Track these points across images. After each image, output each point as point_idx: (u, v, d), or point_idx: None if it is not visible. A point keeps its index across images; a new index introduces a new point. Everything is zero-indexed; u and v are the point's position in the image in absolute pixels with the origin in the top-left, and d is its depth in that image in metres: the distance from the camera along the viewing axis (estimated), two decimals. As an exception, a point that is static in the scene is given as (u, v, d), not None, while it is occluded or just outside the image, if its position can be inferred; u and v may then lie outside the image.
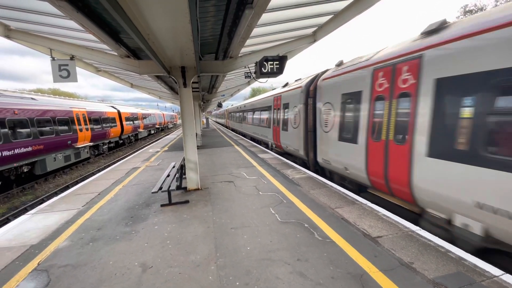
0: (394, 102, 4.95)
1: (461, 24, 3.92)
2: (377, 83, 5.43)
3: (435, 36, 4.29)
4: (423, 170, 4.30)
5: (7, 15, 4.77)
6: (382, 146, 5.26)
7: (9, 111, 10.63)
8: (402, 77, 4.78)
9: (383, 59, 5.30)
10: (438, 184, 4.04)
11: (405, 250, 3.51)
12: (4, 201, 10.24)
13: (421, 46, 4.43)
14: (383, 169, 5.23)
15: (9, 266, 3.59)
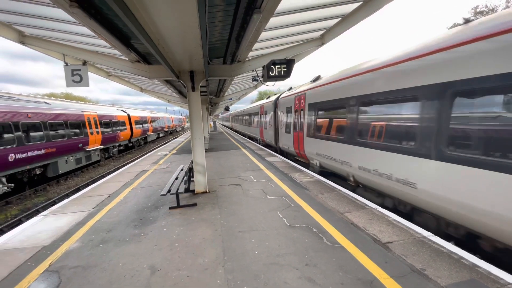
0: (300, 113, 9.91)
1: (321, 80, 8.62)
2: (296, 103, 10.49)
3: (312, 83, 9.24)
4: (307, 144, 9.25)
5: (22, 21, 4.95)
6: (297, 135, 10.20)
7: (23, 114, 10.96)
8: (300, 102, 9.88)
9: (296, 92, 10.58)
10: (310, 149, 8.95)
11: (417, 256, 3.42)
12: (17, 203, 10.51)
13: (306, 88, 9.55)
14: (298, 145, 10.23)
15: (21, 266, 3.67)
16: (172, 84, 10.96)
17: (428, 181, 4.26)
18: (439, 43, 4.27)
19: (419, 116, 4.42)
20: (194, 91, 6.47)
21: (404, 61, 4.80)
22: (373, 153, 5.55)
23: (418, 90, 4.43)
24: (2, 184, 10.00)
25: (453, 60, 3.89)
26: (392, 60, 5.14)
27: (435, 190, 4.14)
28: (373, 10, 4.86)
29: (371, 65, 5.86)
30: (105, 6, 3.46)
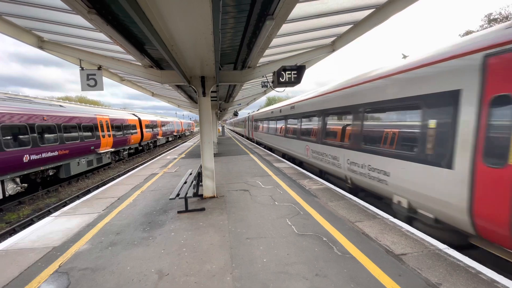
0: (268, 122, 18.21)
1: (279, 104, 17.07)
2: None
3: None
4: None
5: (41, 27, 5.13)
6: (270, 134, 17.32)
7: (39, 117, 11.29)
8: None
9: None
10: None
11: (432, 270, 3.29)
12: (29, 203, 10.75)
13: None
14: (268, 139, 17.99)
15: (32, 267, 3.71)
16: (183, 89, 11.12)
17: None
18: (333, 87, 7.93)
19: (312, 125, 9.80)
20: (204, 96, 6.53)
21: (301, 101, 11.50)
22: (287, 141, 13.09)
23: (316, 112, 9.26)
24: (16, 184, 10.28)
25: (355, 92, 6.70)
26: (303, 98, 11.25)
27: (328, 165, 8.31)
28: (385, 17, 4.82)
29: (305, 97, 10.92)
30: (121, 13, 3.55)
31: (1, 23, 4.68)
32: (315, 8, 4.57)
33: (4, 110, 9.67)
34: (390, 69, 5.46)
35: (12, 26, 4.93)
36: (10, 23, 4.85)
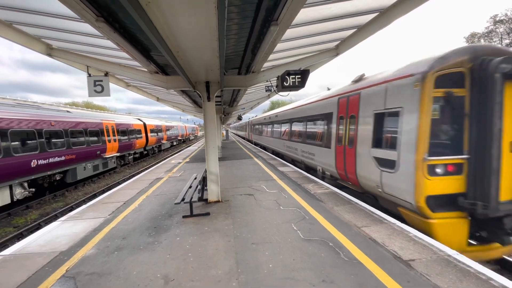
0: (261, 127, 23.34)
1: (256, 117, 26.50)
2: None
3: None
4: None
5: (50, 35, 5.25)
6: (263, 136, 22.17)
7: (46, 122, 11.48)
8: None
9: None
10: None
11: (441, 276, 3.23)
12: (37, 207, 10.87)
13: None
14: (262, 140, 22.90)
15: (39, 271, 3.74)
16: (188, 94, 11.21)
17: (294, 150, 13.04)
18: (282, 110, 15.92)
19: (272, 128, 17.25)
20: (209, 101, 6.58)
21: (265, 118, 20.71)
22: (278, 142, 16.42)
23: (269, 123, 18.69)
24: (24, 188, 10.42)
25: (294, 112, 13.14)
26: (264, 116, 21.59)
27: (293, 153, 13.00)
28: (389, 20, 4.82)
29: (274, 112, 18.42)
30: (128, 20, 3.62)
31: (11, 31, 4.81)
32: (319, 13, 4.60)
33: (13, 116, 9.86)
34: (313, 99, 10.53)
35: (22, 34, 5.06)
36: (20, 31, 4.98)
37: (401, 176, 5.06)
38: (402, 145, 5.05)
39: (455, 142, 4.64)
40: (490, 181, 4.26)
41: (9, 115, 9.72)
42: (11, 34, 4.80)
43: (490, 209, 4.25)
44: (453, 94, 4.53)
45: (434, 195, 4.63)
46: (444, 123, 4.71)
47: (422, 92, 4.64)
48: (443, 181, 4.61)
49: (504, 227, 4.37)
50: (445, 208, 4.65)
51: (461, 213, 4.64)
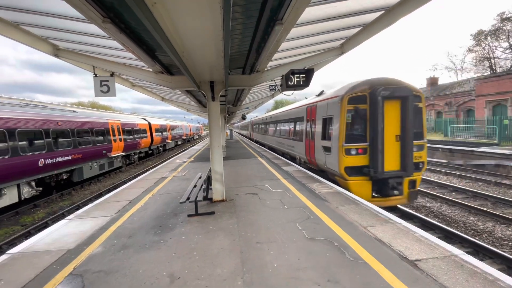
0: (259, 126, 27.56)
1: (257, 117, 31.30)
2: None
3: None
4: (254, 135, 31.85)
5: (56, 36, 5.31)
6: (260, 134, 25.72)
7: (53, 122, 11.64)
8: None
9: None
10: (255, 137, 30.46)
11: (448, 276, 3.20)
12: (44, 206, 11.04)
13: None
14: (259, 138, 26.59)
15: (47, 269, 3.79)
16: (192, 94, 11.25)
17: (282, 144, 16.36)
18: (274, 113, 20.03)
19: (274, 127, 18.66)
20: (214, 100, 6.59)
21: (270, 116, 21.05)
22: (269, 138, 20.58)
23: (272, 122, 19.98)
24: (31, 187, 10.58)
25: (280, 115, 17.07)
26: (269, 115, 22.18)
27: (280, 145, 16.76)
28: (394, 19, 4.77)
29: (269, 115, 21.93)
30: (134, 21, 3.65)
31: (18, 32, 4.87)
32: (324, 11, 4.57)
33: (20, 116, 10.02)
34: (293, 106, 14.27)
35: (29, 35, 5.12)
36: (27, 32, 5.04)
37: (333, 156, 8.04)
38: (333, 137, 8.04)
39: (361, 135, 7.55)
40: (379, 158, 7.12)
41: (16, 115, 9.88)
42: (18, 35, 4.86)
43: (379, 174, 7.17)
44: (359, 108, 7.48)
45: (350, 166, 7.56)
46: (354, 124, 7.68)
47: (342, 106, 7.62)
48: (355, 158, 7.53)
49: (389, 185, 7.40)
50: (356, 174, 7.55)
51: (366, 177, 7.49)
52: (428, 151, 17.69)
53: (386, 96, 7.07)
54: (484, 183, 11.86)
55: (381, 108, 7.05)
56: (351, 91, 7.64)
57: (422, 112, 7.84)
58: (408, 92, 7.17)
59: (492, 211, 7.99)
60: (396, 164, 7.36)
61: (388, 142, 7.22)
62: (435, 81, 40.61)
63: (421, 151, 7.72)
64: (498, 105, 24.67)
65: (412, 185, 7.69)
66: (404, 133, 7.23)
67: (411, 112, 7.13)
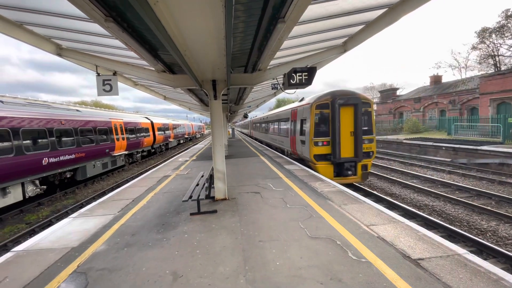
0: (256, 125, 31.58)
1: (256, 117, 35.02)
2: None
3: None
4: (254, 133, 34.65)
5: (59, 35, 5.33)
6: (258, 132, 29.23)
7: (57, 121, 11.71)
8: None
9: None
10: (258, 136, 29.88)
11: (452, 276, 3.18)
12: (48, 204, 11.14)
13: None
14: (257, 135, 29.69)
15: (52, 267, 3.83)
16: (194, 93, 11.26)
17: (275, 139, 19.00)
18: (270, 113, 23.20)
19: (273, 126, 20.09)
20: (216, 99, 6.59)
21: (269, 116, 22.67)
22: (264, 135, 24.07)
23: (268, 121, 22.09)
24: (35, 186, 10.67)
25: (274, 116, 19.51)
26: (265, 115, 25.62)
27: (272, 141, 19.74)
28: (398, 16, 4.74)
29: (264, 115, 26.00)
30: (137, 20, 3.65)
31: (22, 32, 4.89)
32: (327, 9, 4.55)
33: (24, 115, 10.09)
34: (282, 109, 17.40)
35: (33, 34, 5.15)
36: (30, 31, 5.06)
37: (306, 147, 10.80)
38: (306, 133, 10.82)
39: (325, 132, 10.20)
40: (337, 148, 9.76)
41: (20, 114, 9.95)
42: (22, 34, 4.89)
43: (337, 159, 9.83)
44: (323, 112, 10.15)
45: (317, 154, 10.24)
46: (320, 124, 10.33)
47: (311, 111, 10.29)
48: (321, 148, 10.18)
49: (345, 168, 10.09)
50: (322, 160, 10.25)
51: (329, 162, 10.19)
52: (431, 149, 19.53)
53: (342, 104, 9.80)
54: (488, 182, 11.77)
55: (339, 112, 9.79)
56: (318, 100, 10.33)
57: (371, 114, 10.48)
58: (358, 101, 9.81)
59: (496, 210, 7.93)
60: (350, 152, 10.03)
61: (344, 136, 9.92)
62: (438, 79, 40.30)
63: (371, 143, 10.41)
64: (502, 103, 24.41)
65: (364, 168, 10.31)
66: (356, 130, 9.88)
67: (360, 114, 9.83)
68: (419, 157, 19.36)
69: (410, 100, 38.73)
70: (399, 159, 18.86)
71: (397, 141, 23.50)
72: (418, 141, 21.51)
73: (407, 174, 13.70)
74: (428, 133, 27.57)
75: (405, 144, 22.46)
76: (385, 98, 44.91)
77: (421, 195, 10.02)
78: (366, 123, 10.33)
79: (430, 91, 37.66)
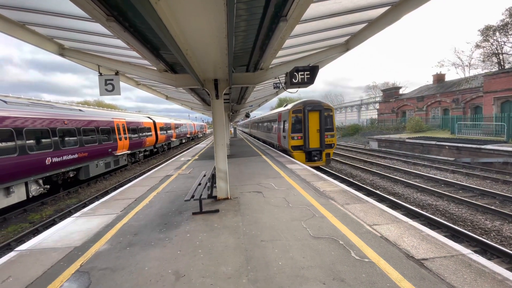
0: (253, 125, 37.97)
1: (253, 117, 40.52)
2: (251, 122, 41.64)
3: (252, 119, 43.38)
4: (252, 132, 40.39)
5: (62, 35, 5.34)
6: (255, 130, 35.20)
7: (60, 121, 11.77)
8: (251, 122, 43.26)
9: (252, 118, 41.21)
10: (256, 133, 34.63)
11: (456, 276, 3.15)
12: (51, 204, 11.20)
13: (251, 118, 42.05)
14: (255, 133, 35.65)
15: (55, 266, 3.84)
16: (196, 92, 11.26)
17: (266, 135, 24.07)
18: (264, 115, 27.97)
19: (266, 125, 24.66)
20: (217, 99, 6.58)
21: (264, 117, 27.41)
22: (260, 133, 28.79)
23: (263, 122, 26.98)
24: (39, 185, 10.74)
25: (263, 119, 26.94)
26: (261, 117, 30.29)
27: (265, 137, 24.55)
28: (401, 14, 4.69)
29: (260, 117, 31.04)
30: (138, 19, 3.64)
31: (24, 32, 4.90)
32: (329, 7, 4.51)
33: (27, 115, 10.14)
34: (272, 112, 23.79)
35: (35, 34, 5.16)
36: (32, 31, 5.07)
37: (287, 140, 14.38)
38: (286, 131, 14.44)
39: (299, 129, 13.95)
40: (307, 141, 13.78)
41: (23, 114, 10.00)
42: (24, 35, 4.90)
43: (307, 149, 13.83)
44: (298, 115, 13.98)
45: (294, 145, 13.99)
46: (296, 124, 14.06)
47: (289, 115, 14.06)
48: (296, 141, 13.95)
49: (312, 155, 14.01)
50: (297, 149, 13.99)
51: (302, 151, 13.96)
52: (434, 149, 20.03)
53: (310, 109, 13.83)
54: (492, 181, 11.67)
55: (308, 116, 13.78)
56: (294, 107, 14.34)
57: (332, 117, 14.46)
58: (321, 107, 13.92)
59: (500, 209, 7.86)
60: (317, 144, 13.99)
61: (312, 133, 13.90)
62: (441, 77, 39.98)
63: (332, 138, 14.28)
64: (506, 102, 24.17)
65: (327, 155, 14.38)
66: (321, 128, 13.89)
67: (324, 117, 13.84)
68: (422, 156, 19.24)
69: (413, 99, 38.48)
70: (402, 158, 18.76)
71: (400, 140, 23.36)
72: (421, 140, 21.36)
73: (410, 173, 13.62)
74: (431, 132, 27.39)
75: (408, 143, 22.34)
76: (387, 97, 44.68)
77: (424, 195, 9.96)
78: (328, 123, 14.20)
79: (433, 89, 37.39)
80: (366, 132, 37.86)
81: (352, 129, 41.65)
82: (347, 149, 27.01)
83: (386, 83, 62.84)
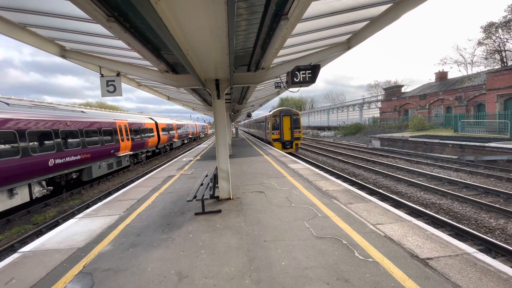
0: (251, 125, 46.40)
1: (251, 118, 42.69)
2: (250, 122, 47.76)
3: (251, 119, 44.17)
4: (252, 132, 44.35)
5: (63, 36, 5.35)
6: (252, 129, 43.36)
7: (62, 123, 11.81)
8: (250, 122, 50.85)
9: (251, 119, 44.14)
10: (253, 132, 42.02)
11: (461, 275, 3.12)
12: (55, 205, 11.25)
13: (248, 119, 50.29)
14: (252, 132, 43.67)
15: (58, 267, 3.86)
16: (198, 93, 11.26)
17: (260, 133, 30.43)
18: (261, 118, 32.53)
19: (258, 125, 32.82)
20: (219, 99, 6.57)
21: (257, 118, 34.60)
22: (255, 131, 37.60)
23: (256, 123, 35.66)
24: (42, 187, 10.79)
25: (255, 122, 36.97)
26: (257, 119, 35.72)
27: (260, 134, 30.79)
28: (403, 11, 4.64)
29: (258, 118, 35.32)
30: (139, 20, 3.63)
31: (26, 34, 4.91)
32: (330, 6, 4.48)
33: (30, 117, 10.19)
34: (263, 115, 29.68)
35: (36, 36, 5.17)
36: (34, 33, 5.08)
37: (269, 135, 22.16)
38: (269, 128, 22.31)
39: (277, 128, 21.68)
40: (282, 135, 21.72)
41: (26, 116, 10.05)
42: (25, 36, 4.90)
43: (282, 140, 21.70)
44: (276, 119, 21.86)
45: (274, 138, 21.73)
46: (274, 124, 21.76)
47: (271, 118, 21.90)
48: (275, 135, 21.66)
49: (286, 144, 21.79)
50: (276, 141, 21.67)
51: (279, 142, 21.68)
52: (437, 147, 20.18)
53: (283, 115, 21.45)
54: (496, 179, 11.57)
55: (282, 118, 21.35)
56: (274, 113, 21.68)
57: (299, 120, 21.95)
58: (291, 113, 21.64)
59: (504, 207, 7.78)
60: (289, 137, 21.38)
61: (285, 130, 21.36)
62: (444, 75, 39.70)
63: (299, 133, 21.60)
64: (510, 99, 23.96)
65: (296, 145, 21.89)
66: (291, 126, 21.35)
67: (293, 120, 21.44)
68: (425, 155, 19.12)
69: (415, 97, 38.26)
70: (404, 157, 18.65)
71: (403, 139, 23.24)
72: (424, 138, 21.23)
73: (413, 172, 13.53)
74: (434, 130, 27.22)
75: (410, 141, 22.21)
76: (389, 96, 44.47)
77: (428, 193, 9.89)
78: (297, 124, 21.73)
79: (435, 87, 37.15)
80: (368, 131, 37.70)
81: (354, 128, 41.48)
82: (350, 148, 26.90)
83: (388, 82, 62.60)
